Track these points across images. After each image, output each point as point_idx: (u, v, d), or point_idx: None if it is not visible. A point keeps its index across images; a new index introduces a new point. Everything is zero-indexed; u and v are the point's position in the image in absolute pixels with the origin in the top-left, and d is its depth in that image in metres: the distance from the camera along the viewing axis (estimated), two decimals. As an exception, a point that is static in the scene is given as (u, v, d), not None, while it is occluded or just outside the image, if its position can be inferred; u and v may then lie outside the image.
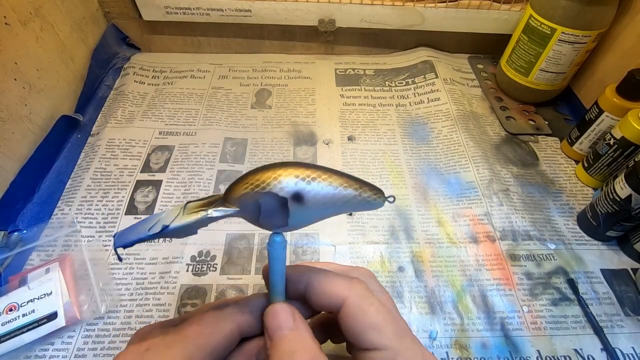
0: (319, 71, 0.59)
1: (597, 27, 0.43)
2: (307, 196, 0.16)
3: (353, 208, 0.18)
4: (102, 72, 0.57)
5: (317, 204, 0.17)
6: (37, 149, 0.43)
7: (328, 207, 0.17)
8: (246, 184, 0.17)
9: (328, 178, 0.17)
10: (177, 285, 0.36)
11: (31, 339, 0.31)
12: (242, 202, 0.17)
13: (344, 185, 0.17)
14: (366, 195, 0.18)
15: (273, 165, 0.17)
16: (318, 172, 0.17)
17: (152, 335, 0.19)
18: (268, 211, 0.17)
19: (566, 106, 0.54)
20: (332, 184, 0.17)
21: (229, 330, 0.18)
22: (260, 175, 0.16)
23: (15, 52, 0.41)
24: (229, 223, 0.40)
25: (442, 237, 0.40)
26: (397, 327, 0.18)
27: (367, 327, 0.18)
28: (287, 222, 0.17)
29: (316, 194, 0.16)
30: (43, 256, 0.37)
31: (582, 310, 0.35)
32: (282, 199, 0.16)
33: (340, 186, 0.17)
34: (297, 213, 0.17)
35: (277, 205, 0.16)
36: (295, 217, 0.17)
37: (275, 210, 0.17)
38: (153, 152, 0.47)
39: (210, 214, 0.17)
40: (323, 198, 0.17)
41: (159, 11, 0.55)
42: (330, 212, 0.18)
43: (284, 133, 0.50)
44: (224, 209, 0.17)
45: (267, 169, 0.17)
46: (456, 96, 0.54)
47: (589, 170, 0.43)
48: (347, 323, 0.18)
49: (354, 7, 0.54)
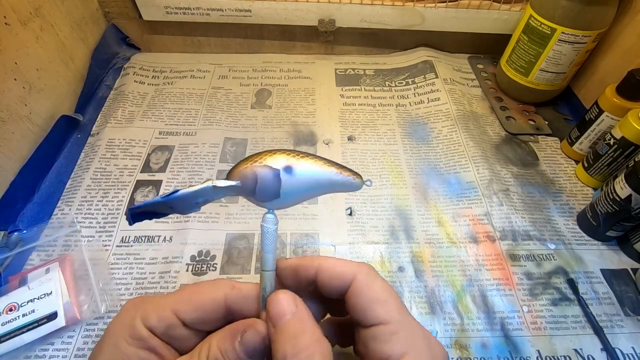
0: (319, 71, 0.59)
1: (597, 27, 0.43)
2: (296, 169, 0.20)
3: (335, 187, 0.21)
4: (102, 72, 0.57)
5: (305, 178, 0.20)
6: (37, 149, 0.43)
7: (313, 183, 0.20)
8: (246, 161, 0.20)
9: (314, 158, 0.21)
10: (177, 285, 0.36)
11: (31, 339, 0.31)
12: (242, 175, 0.20)
13: (327, 165, 0.21)
14: (346, 174, 0.21)
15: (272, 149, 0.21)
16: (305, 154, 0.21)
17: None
18: (263, 182, 0.20)
19: (566, 106, 0.54)
20: (317, 163, 0.20)
21: (217, 297, 0.20)
22: (260, 155, 0.20)
23: (15, 52, 0.41)
24: (229, 223, 0.40)
25: (442, 237, 0.40)
26: (399, 303, 0.20)
27: (373, 301, 0.19)
28: (279, 193, 0.20)
29: (303, 168, 0.20)
30: (43, 256, 0.37)
31: (582, 310, 0.35)
32: (275, 170, 0.20)
33: (325, 165, 0.20)
34: (287, 186, 0.20)
35: (271, 176, 0.20)
36: (286, 189, 0.20)
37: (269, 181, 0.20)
38: (153, 152, 0.47)
39: (215, 183, 0.20)
40: (309, 172, 0.20)
41: (159, 11, 0.55)
42: (316, 189, 0.21)
43: (284, 133, 0.50)
44: (226, 180, 0.20)
45: (266, 151, 0.20)
46: (456, 96, 0.54)
47: (589, 170, 0.43)
48: (353, 300, 0.20)
49: (354, 7, 0.54)
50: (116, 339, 0.19)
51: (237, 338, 0.19)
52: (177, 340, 0.20)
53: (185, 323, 0.20)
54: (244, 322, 0.20)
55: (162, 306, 0.20)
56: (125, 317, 0.20)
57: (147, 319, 0.19)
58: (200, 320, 0.20)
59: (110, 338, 0.19)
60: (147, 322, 0.19)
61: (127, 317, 0.20)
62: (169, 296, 0.20)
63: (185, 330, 0.20)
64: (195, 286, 0.21)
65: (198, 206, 0.21)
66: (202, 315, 0.20)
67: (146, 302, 0.20)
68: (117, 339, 0.19)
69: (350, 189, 0.21)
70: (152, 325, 0.19)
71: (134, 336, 0.19)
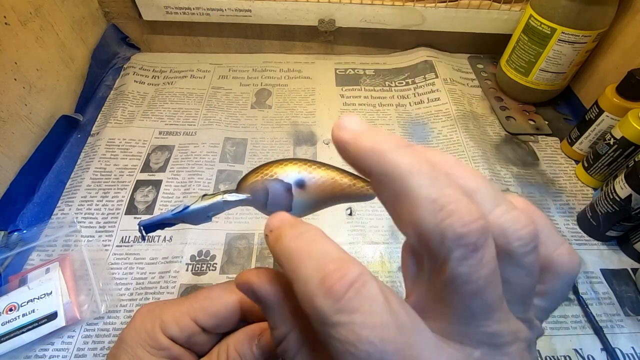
0: (319, 71, 0.59)
1: (597, 27, 0.43)
2: (308, 183, 0.19)
3: (348, 199, 0.20)
4: (102, 72, 0.57)
5: (317, 191, 0.19)
6: (37, 149, 0.43)
7: (326, 195, 0.20)
8: (257, 174, 0.20)
9: (327, 170, 0.20)
10: (177, 284, 0.36)
11: (31, 339, 0.31)
12: (253, 189, 0.20)
13: (340, 176, 0.20)
14: (360, 185, 0.20)
15: (281, 159, 0.20)
16: (318, 164, 0.20)
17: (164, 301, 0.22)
18: (275, 196, 0.19)
19: (566, 106, 0.54)
20: (330, 174, 0.20)
21: (231, 301, 0.21)
22: (270, 167, 0.20)
23: (15, 52, 0.41)
24: (228, 223, 0.40)
25: (442, 237, 0.40)
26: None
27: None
28: (291, 207, 0.19)
29: (316, 182, 0.19)
30: (43, 256, 0.37)
31: (582, 310, 0.35)
32: (287, 184, 0.19)
33: (337, 176, 0.20)
34: (299, 199, 0.19)
35: (283, 190, 0.19)
36: (297, 202, 0.19)
37: (281, 195, 0.19)
38: (153, 152, 0.47)
39: (225, 198, 0.20)
40: (322, 185, 0.19)
41: (159, 11, 0.55)
42: (329, 202, 0.20)
43: (284, 133, 0.50)
44: (237, 194, 0.20)
45: (276, 162, 0.20)
46: (456, 96, 0.54)
47: (589, 170, 0.43)
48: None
49: (354, 7, 0.54)
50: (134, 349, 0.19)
51: (254, 341, 0.19)
52: (197, 345, 0.21)
53: (204, 329, 0.21)
54: (259, 326, 0.20)
55: (181, 314, 0.20)
56: (140, 326, 0.20)
57: (167, 328, 0.20)
58: (219, 325, 0.21)
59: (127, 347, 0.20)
60: (167, 332, 0.20)
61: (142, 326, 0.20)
62: (184, 303, 0.21)
63: (205, 336, 0.21)
64: (208, 291, 0.21)
65: (209, 218, 0.21)
66: (220, 321, 0.21)
67: (162, 311, 0.20)
68: (135, 349, 0.19)
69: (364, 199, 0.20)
70: (174, 335, 0.20)
71: (156, 346, 0.19)
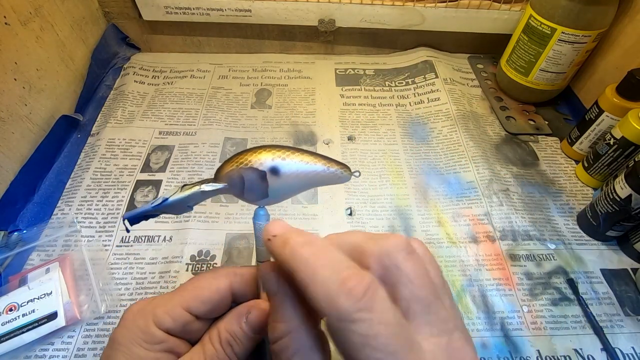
0: (319, 71, 0.59)
1: (597, 27, 0.43)
2: (282, 169, 0.20)
3: (323, 182, 0.21)
4: (102, 72, 0.57)
5: (291, 177, 0.20)
6: (37, 149, 0.43)
7: (301, 180, 0.20)
8: (232, 163, 0.20)
9: (300, 155, 0.20)
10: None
11: (31, 338, 0.31)
12: (229, 178, 0.20)
13: (314, 161, 0.20)
14: (333, 169, 0.20)
15: (255, 147, 0.20)
16: (291, 150, 0.20)
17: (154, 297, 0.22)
18: (251, 184, 0.20)
19: (566, 106, 0.54)
20: (304, 160, 0.20)
21: (223, 286, 0.21)
22: (244, 155, 0.20)
23: (15, 52, 0.41)
24: (228, 223, 0.40)
25: (442, 237, 0.40)
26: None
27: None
28: (267, 193, 0.20)
29: (290, 168, 0.20)
30: (43, 256, 0.37)
31: (582, 310, 0.35)
32: (261, 172, 0.19)
33: (311, 161, 0.20)
34: (275, 185, 0.20)
35: (258, 178, 0.20)
36: (273, 188, 0.20)
37: (257, 182, 0.20)
38: (153, 152, 0.47)
39: (203, 189, 0.20)
40: (296, 171, 0.20)
41: (159, 11, 0.55)
42: (304, 186, 0.21)
43: (284, 133, 0.50)
44: (214, 184, 0.20)
45: (250, 150, 0.20)
46: (456, 96, 0.54)
47: (589, 170, 0.43)
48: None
49: (354, 7, 0.54)
50: (130, 347, 0.19)
51: (242, 319, 0.20)
52: (191, 333, 0.21)
53: (197, 317, 0.21)
54: (246, 305, 0.21)
55: (172, 306, 0.20)
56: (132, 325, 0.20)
57: (161, 322, 0.20)
58: (212, 310, 0.21)
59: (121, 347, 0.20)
60: (162, 325, 0.20)
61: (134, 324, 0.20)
62: (175, 295, 0.21)
63: (199, 323, 0.21)
64: (197, 280, 0.22)
65: (190, 208, 0.21)
66: (214, 306, 0.21)
67: (153, 306, 0.21)
68: (131, 347, 0.19)
69: (339, 181, 0.21)
70: (169, 327, 0.20)
71: (152, 341, 0.20)
